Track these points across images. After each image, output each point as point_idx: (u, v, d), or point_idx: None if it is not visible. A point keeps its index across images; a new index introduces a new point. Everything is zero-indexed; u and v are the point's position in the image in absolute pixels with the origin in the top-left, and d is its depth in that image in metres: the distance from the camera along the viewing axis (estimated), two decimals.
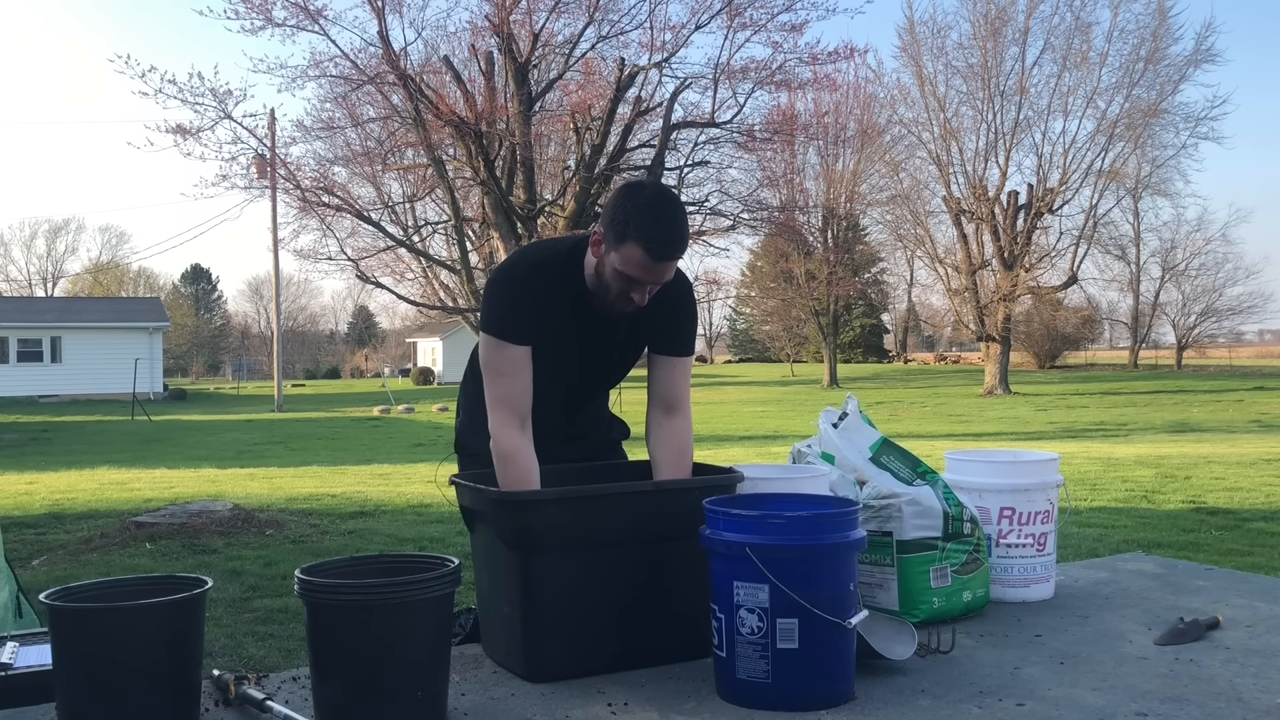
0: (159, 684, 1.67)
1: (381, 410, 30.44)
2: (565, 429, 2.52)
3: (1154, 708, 1.79)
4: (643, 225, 2.15)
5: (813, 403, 29.87)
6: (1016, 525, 2.55)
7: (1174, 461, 11.44)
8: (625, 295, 2.22)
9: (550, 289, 2.29)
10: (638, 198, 2.21)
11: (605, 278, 2.23)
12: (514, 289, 2.31)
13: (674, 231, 2.19)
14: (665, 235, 2.17)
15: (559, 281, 2.30)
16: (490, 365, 2.29)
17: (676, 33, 19.95)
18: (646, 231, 2.14)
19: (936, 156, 36.54)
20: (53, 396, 36.36)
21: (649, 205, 2.19)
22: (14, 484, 11.29)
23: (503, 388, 2.26)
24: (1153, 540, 6.71)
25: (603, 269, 2.22)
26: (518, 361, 2.26)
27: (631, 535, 2.06)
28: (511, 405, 2.25)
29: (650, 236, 2.14)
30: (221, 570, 6.05)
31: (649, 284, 2.21)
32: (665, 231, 2.17)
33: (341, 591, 1.72)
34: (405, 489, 10.12)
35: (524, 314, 2.27)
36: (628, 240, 2.15)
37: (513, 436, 2.22)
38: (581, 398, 2.54)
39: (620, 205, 2.20)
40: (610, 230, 2.18)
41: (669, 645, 2.08)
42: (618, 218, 2.17)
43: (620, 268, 2.18)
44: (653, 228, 2.15)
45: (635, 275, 2.17)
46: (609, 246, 2.19)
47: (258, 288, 76.34)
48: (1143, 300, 52.58)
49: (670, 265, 2.20)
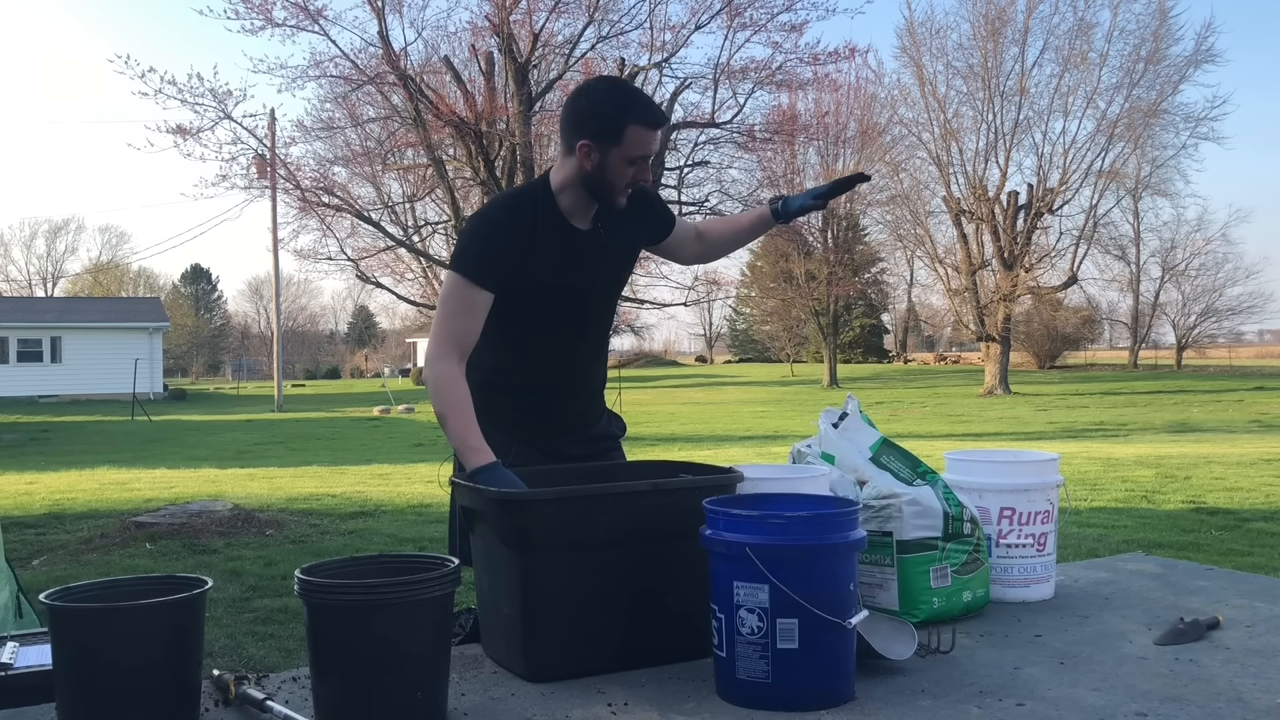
0: (159, 684, 1.67)
1: (381, 410, 30.43)
2: (577, 385, 2.56)
3: (1154, 708, 1.79)
4: (635, 109, 2.31)
5: (813, 403, 29.88)
6: (1016, 525, 2.55)
7: (1174, 462, 11.45)
8: (631, 180, 2.35)
9: (526, 221, 2.36)
10: (606, 91, 2.41)
11: (609, 176, 2.32)
12: (491, 230, 2.37)
13: (649, 100, 2.40)
14: (651, 105, 2.37)
15: (532, 212, 2.38)
16: (449, 302, 2.34)
17: (676, 33, 19.98)
18: (640, 112, 2.31)
19: (936, 156, 36.55)
20: (53, 396, 36.35)
21: (622, 91, 2.40)
22: (14, 484, 11.29)
23: (456, 326, 2.32)
24: (1153, 540, 6.71)
25: (604, 171, 2.32)
26: (478, 305, 2.32)
27: (631, 535, 2.06)
28: (457, 343, 2.31)
29: (644, 113, 2.32)
30: (221, 570, 6.06)
31: (651, 155, 2.36)
32: (648, 104, 2.37)
33: (341, 591, 1.72)
34: (405, 489, 10.12)
35: (499, 257, 2.33)
36: (629, 125, 2.29)
37: (451, 367, 2.30)
38: (587, 327, 2.54)
39: (597, 106, 2.33)
40: (602, 131, 2.30)
41: (669, 645, 2.08)
42: (606, 116, 2.30)
43: (633, 152, 2.30)
44: (641, 107, 2.33)
45: (645, 152, 2.33)
46: (608, 144, 2.30)
47: (258, 288, 76.37)
48: (1143, 300, 52.60)
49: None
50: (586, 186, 2.35)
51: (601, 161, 2.31)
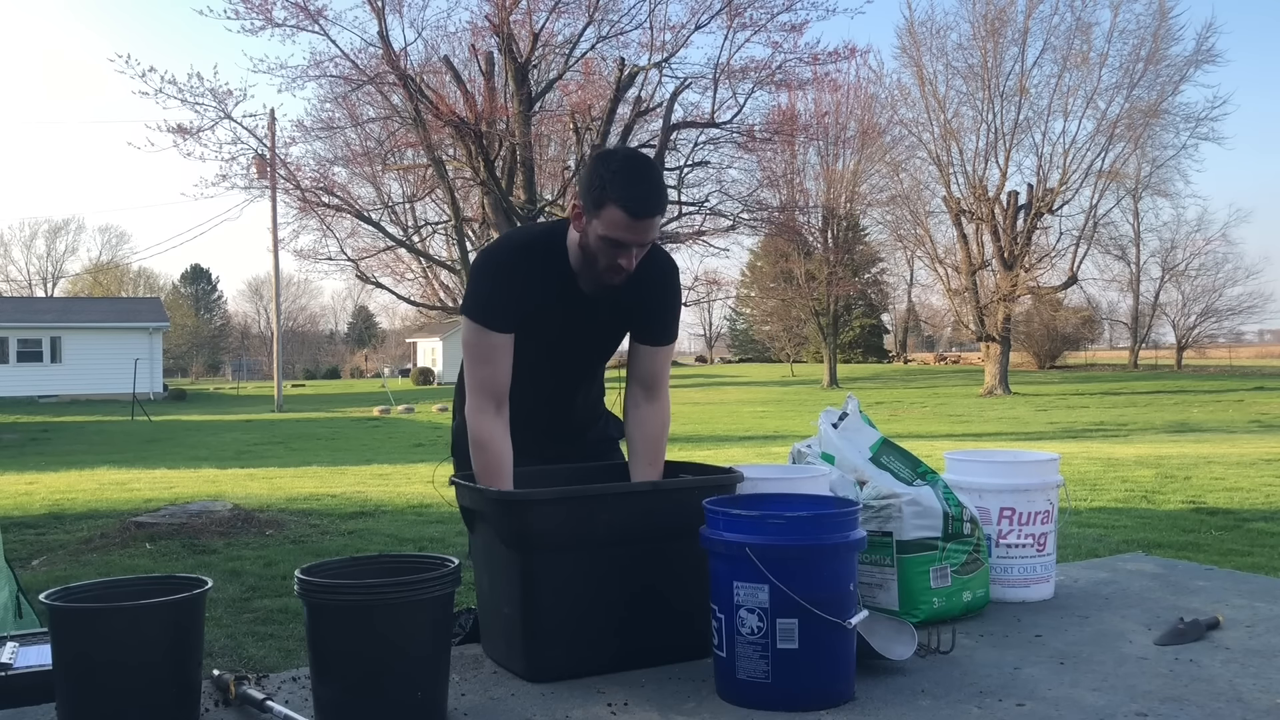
0: (159, 684, 1.67)
1: (381, 410, 30.44)
2: (561, 420, 2.52)
3: (1154, 708, 1.79)
4: (619, 186, 2.14)
5: (813, 403, 29.88)
6: (1016, 525, 2.55)
7: (1174, 462, 11.45)
8: (613, 263, 2.20)
9: (534, 269, 2.29)
10: (611, 162, 2.21)
11: (591, 248, 2.21)
12: (499, 273, 2.30)
13: (650, 188, 2.18)
14: (641, 193, 2.16)
15: (542, 262, 2.29)
16: (469, 349, 2.31)
17: (676, 33, 19.97)
18: (624, 192, 2.14)
19: (936, 157, 36.56)
20: (53, 396, 36.35)
21: (623, 168, 2.18)
22: (14, 484, 11.29)
23: (482, 373, 2.28)
24: (1153, 540, 6.71)
25: (586, 240, 2.21)
26: (497, 348, 2.27)
27: (631, 535, 2.06)
28: (489, 391, 2.26)
29: (628, 196, 2.14)
30: (221, 570, 6.05)
31: (634, 245, 2.18)
32: (641, 189, 2.17)
33: (341, 591, 1.72)
34: (405, 489, 10.12)
35: (508, 300, 2.27)
36: (606, 204, 2.14)
37: (488, 422, 2.24)
38: (573, 381, 2.51)
39: (595, 172, 2.19)
40: (588, 198, 2.18)
41: (669, 645, 2.08)
42: (594, 184, 2.17)
43: (604, 232, 2.16)
44: (629, 187, 2.15)
45: (618, 237, 2.16)
46: (589, 215, 2.19)
47: (258, 288, 76.37)
48: (1143, 300, 52.59)
49: (651, 224, 2.18)
50: (581, 248, 2.25)
51: (585, 228, 2.21)
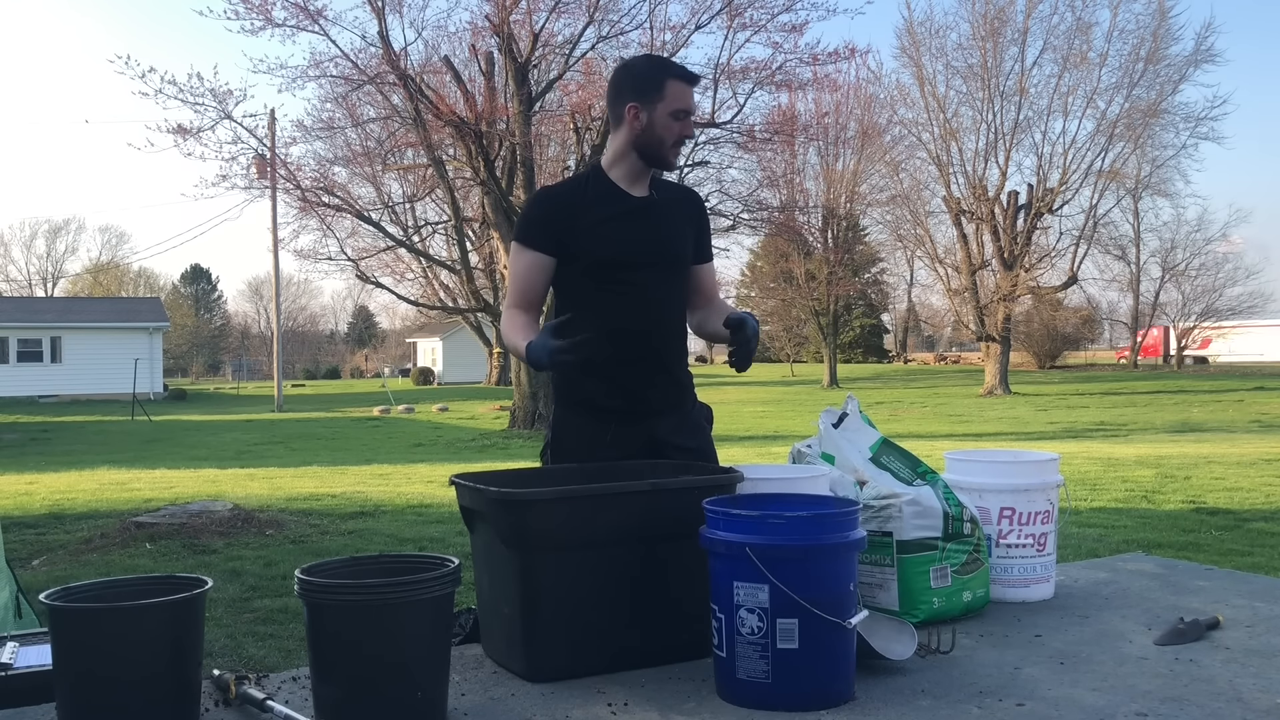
0: (159, 684, 1.67)
1: (381, 410, 30.43)
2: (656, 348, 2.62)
3: (1154, 708, 1.79)
4: (666, 67, 2.59)
5: (813, 403, 29.87)
6: (1016, 525, 2.55)
7: (1174, 461, 11.45)
8: (681, 134, 2.56)
9: (581, 193, 2.58)
10: (644, 58, 2.73)
11: (658, 132, 2.53)
12: (541, 196, 2.69)
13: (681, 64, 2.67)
14: (681, 66, 2.62)
15: (588, 187, 2.59)
16: (510, 268, 2.64)
17: (676, 33, 19.95)
18: (673, 68, 2.59)
19: (936, 157, 36.52)
20: (53, 396, 36.34)
21: (654, 57, 2.71)
22: (14, 484, 11.29)
23: (516, 289, 2.59)
24: (1153, 540, 6.71)
25: (652, 129, 2.53)
26: (531, 266, 2.56)
27: (631, 535, 2.06)
28: (521, 305, 2.58)
29: (678, 69, 2.58)
30: (221, 570, 6.05)
31: (692, 112, 2.58)
32: (679, 64, 2.65)
33: (342, 591, 1.72)
34: (405, 489, 10.12)
35: (546, 221, 2.56)
36: (666, 82, 2.53)
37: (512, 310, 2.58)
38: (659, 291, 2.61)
39: (638, 70, 2.61)
40: (644, 91, 2.53)
41: (669, 645, 2.08)
42: (645, 77, 2.56)
43: (674, 106, 2.53)
44: (673, 65, 2.63)
45: (685, 105, 2.54)
46: (652, 102, 2.52)
47: (258, 288, 76.36)
48: (1143, 300, 52.56)
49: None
50: (638, 148, 2.54)
51: (650, 120, 2.52)
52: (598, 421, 2.54)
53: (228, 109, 19.42)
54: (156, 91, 19.07)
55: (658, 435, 2.56)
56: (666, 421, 2.60)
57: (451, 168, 21.78)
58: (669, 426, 2.60)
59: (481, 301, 24.31)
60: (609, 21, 20.26)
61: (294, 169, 21.26)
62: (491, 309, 23.85)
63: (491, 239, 23.63)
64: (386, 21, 19.04)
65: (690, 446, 2.60)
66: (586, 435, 2.53)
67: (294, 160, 22.75)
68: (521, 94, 19.95)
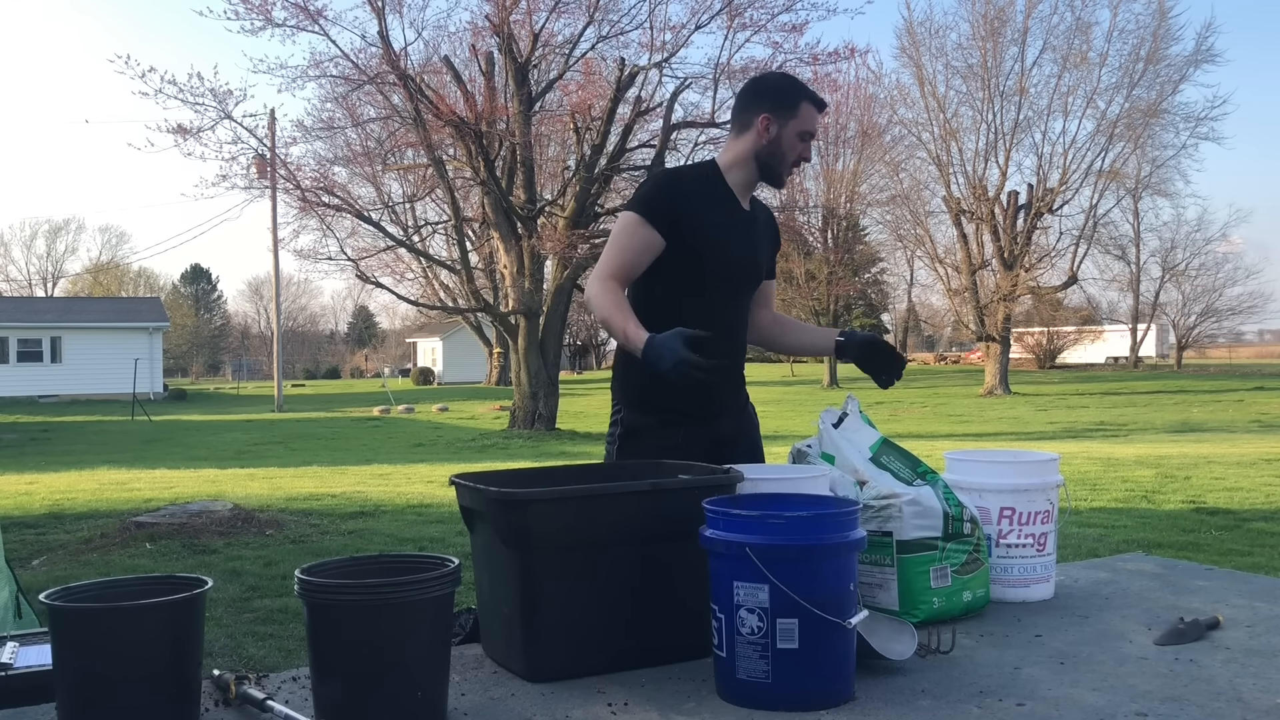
0: (159, 684, 1.67)
1: (381, 410, 30.43)
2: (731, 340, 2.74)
3: (1154, 708, 1.79)
4: (804, 90, 2.67)
5: (813, 403, 29.86)
6: (1016, 525, 2.55)
7: (1174, 461, 11.45)
8: (802, 154, 2.66)
9: (704, 190, 2.64)
10: (783, 77, 2.78)
11: (783, 147, 2.62)
12: (670, 178, 2.72)
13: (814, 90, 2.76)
14: (814, 91, 2.72)
15: (711, 186, 2.65)
16: (617, 238, 2.61)
17: (676, 33, 19.96)
18: (809, 92, 2.67)
19: (936, 157, 36.54)
20: (53, 396, 36.34)
21: (791, 77, 2.78)
22: (14, 484, 11.30)
23: (617, 260, 2.58)
24: (1153, 540, 6.72)
25: (779, 143, 2.62)
26: (642, 243, 2.57)
27: (631, 535, 2.06)
28: (616, 273, 2.57)
29: (813, 94, 2.67)
30: (221, 570, 6.06)
31: (814, 137, 2.68)
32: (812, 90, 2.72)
33: (342, 591, 1.72)
34: (405, 489, 10.12)
35: (669, 203, 2.58)
36: (801, 103, 2.62)
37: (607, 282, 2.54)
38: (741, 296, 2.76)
39: (775, 85, 2.68)
40: (780, 105, 2.62)
41: (669, 645, 2.08)
42: (783, 91, 2.64)
43: (803, 127, 2.62)
44: (811, 89, 2.70)
45: (812, 128, 2.65)
46: (784, 118, 2.61)
47: (258, 288, 76.36)
48: (1143, 300, 52.57)
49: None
50: (760, 158, 2.64)
51: (778, 134, 2.61)
52: (668, 425, 2.62)
53: (228, 109, 19.43)
54: (156, 91, 19.09)
55: (720, 436, 2.69)
56: (727, 423, 2.75)
57: (451, 168, 21.78)
58: (730, 428, 2.75)
59: (481, 301, 24.31)
60: (609, 21, 20.28)
61: (294, 169, 21.25)
62: (491, 309, 23.85)
63: (491, 239, 23.62)
64: (386, 21, 19.06)
65: (747, 447, 2.76)
66: (659, 438, 2.60)
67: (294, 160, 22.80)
68: (521, 94, 19.96)
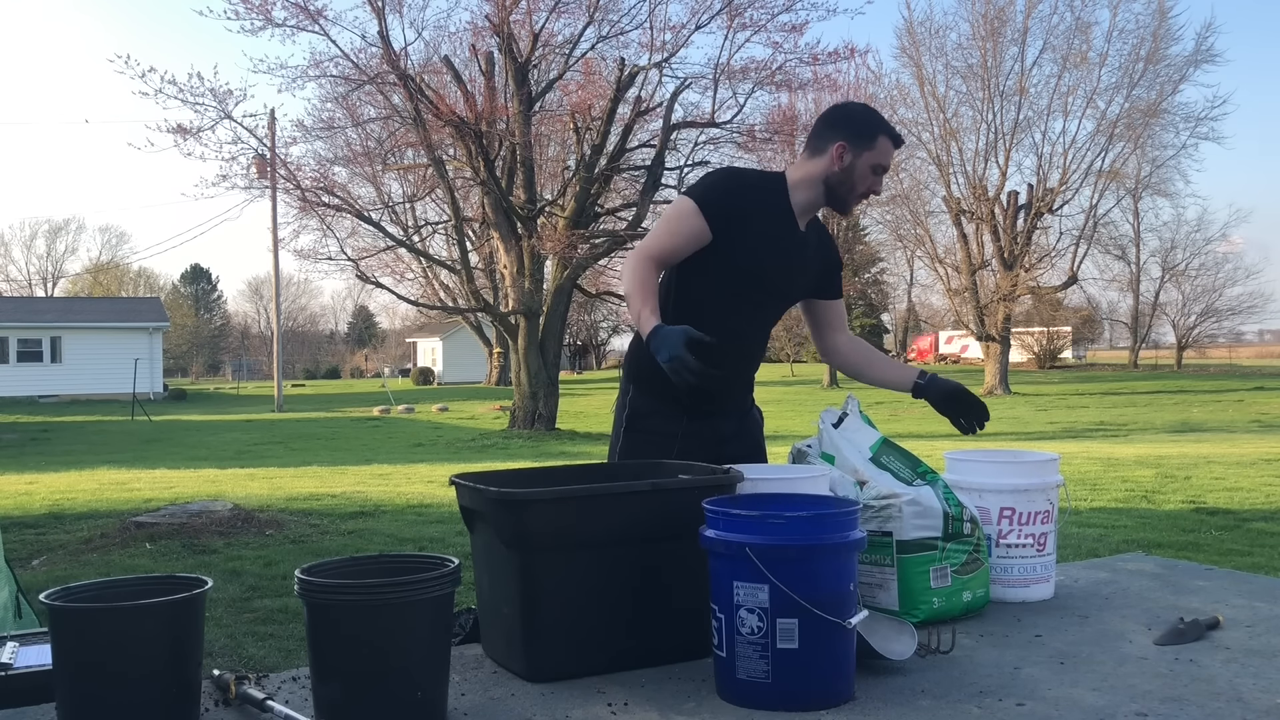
0: (159, 684, 1.67)
1: (381, 410, 30.43)
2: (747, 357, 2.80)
3: (1154, 708, 1.79)
4: (884, 124, 2.64)
5: (813, 403, 29.85)
6: (1016, 525, 2.55)
7: (1174, 461, 11.45)
8: (872, 187, 2.65)
9: (766, 198, 2.63)
10: (862, 107, 2.73)
11: (854, 177, 2.61)
12: (735, 176, 2.74)
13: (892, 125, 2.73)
14: (895, 129, 2.69)
15: (773, 196, 2.65)
16: (668, 220, 2.62)
17: (676, 33, 19.97)
18: (889, 127, 2.64)
19: (936, 157, 36.53)
20: (53, 396, 36.34)
21: (872, 109, 2.72)
22: (14, 484, 11.30)
23: (663, 242, 2.58)
24: (1153, 540, 6.72)
25: (851, 172, 2.60)
26: (693, 231, 2.56)
27: (631, 535, 2.06)
28: (658, 254, 2.57)
29: (892, 130, 2.65)
30: (221, 570, 6.06)
31: (887, 171, 2.66)
32: (891, 125, 2.70)
33: (342, 591, 1.72)
34: (405, 489, 10.12)
35: (727, 200, 2.58)
36: (879, 136, 2.60)
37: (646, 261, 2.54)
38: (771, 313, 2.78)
39: (856, 115, 2.66)
40: (858, 136, 2.60)
41: (669, 645, 2.08)
42: (863, 122, 2.62)
43: (877, 160, 2.61)
44: (889, 125, 2.66)
45: (886, 163, 2.63)
46: (859, 149, 2.59)
47: (258, 288, 76.34)
48: (1143, 300, 52.56)
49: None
50: (829, 184, 2.62)
51: (852, 164, 2.59)
52: (671, 415, 2.65)
53: (228, 109, 19.43)
54: (156, 91, 19.09)
55: (722, 434, 2.71)
56: (730, 422, 2.76)
57: (451, 168, 21.78)
58: (732, 427, 2.77)
59: (481, 301, 24.31)
60: (609, 21, 20.29)
61: (294, 169, 21.25)
62: (491, 309, 23.85)
63: (491, 239, 23.62)
64: (386, 21, 19.06)
65: (749, 446, 2.78)
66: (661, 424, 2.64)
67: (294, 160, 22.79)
68: (521, 94, 19.96)
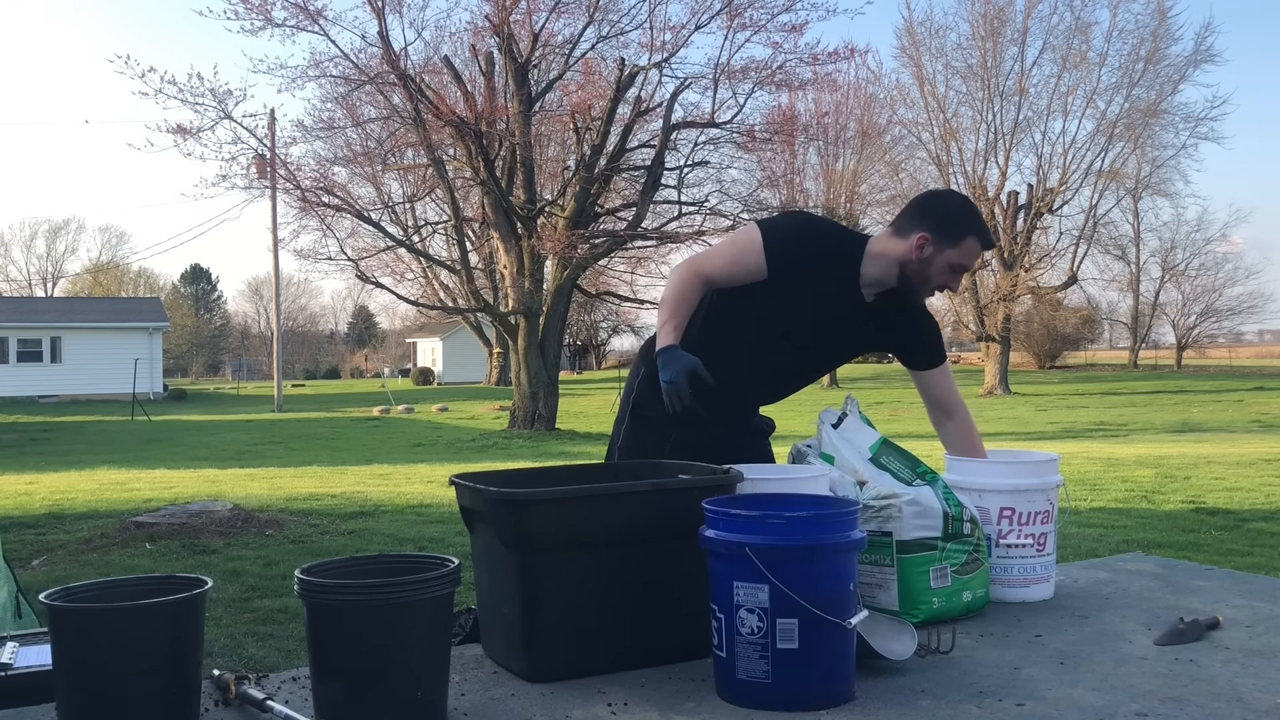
0: (159, 684, 1.67)
1: (381, 410, 30.43)
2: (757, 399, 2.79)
3: (1154, 708, 1.79)
4: (977, 224, 2.55)
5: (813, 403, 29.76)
6: (1016, 525, 2.55)
7: (1174, 461, 11.45)
8: (947, 284, 2.57)
9: (836, 255, 2.57)
10: (960, 202, 2.63)
11: (931, 270, 2.53)
12: (807, 226, 2.66)
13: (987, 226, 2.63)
14: (989, 231, 2.60)
15: (845, 255, 2.58)
16: (734, 245, 2.60)
17: (676, 33, 19.96)
18: (980, 228, 2.55)
19: (936, 157, 36.56)
20: (53, 396, 36.34)
21: (972, 209, 2.61)
22: (14, 484, 11.30)
23: (719, 266, 2.56)
24: (1153, 540, 6.71)
25: (928, 266, 2.52)
26: (748, 266, 2.53)
27: (631, 535, 2.06)
28: (710, 275, 2.55)
29: (984, 232, 2.56)
30: (221, 570, 6.05)
31: (968, 270, 2.61)
32: (987, 228, 2.61)
33: (342, 591, 1.72)
34: (405, 489, 10.12)
35: (797, 250, 2.54)
36: (967, 237, 2.52)
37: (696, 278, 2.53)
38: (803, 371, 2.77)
39: (949, 209, 2.57)
40: (944, 233, 2.51)
41: (669, 645, 2.08)
42: (953, 220, 2.53)
43: (959, 260, 2.53)
44: (982, 226, 2.57)
45: (969, 264, 2.57)
46: (943, 244, 2.51)
47: (258, 288, 76.33)
48: (1143, 300, 52.56)
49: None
50: (905, 271, 2.54)
51: (931, 257, 2.51)
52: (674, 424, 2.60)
53: (228, 109, 19.42)
54: (156, 91, 19.08)
55: (720, 435, 2.69)
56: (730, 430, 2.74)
57: (451, 168, 21.78)
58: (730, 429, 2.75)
59: (481, 301, 24.31)
60: (609, 21, 20.28)
61: (294, 169, 21.23)
62: (491, 309, 23.85)
63: (491, 239, 23.63)
64: (386, 21, 19.05)
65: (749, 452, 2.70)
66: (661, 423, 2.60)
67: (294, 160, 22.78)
68: (521, 94, 19.96)
